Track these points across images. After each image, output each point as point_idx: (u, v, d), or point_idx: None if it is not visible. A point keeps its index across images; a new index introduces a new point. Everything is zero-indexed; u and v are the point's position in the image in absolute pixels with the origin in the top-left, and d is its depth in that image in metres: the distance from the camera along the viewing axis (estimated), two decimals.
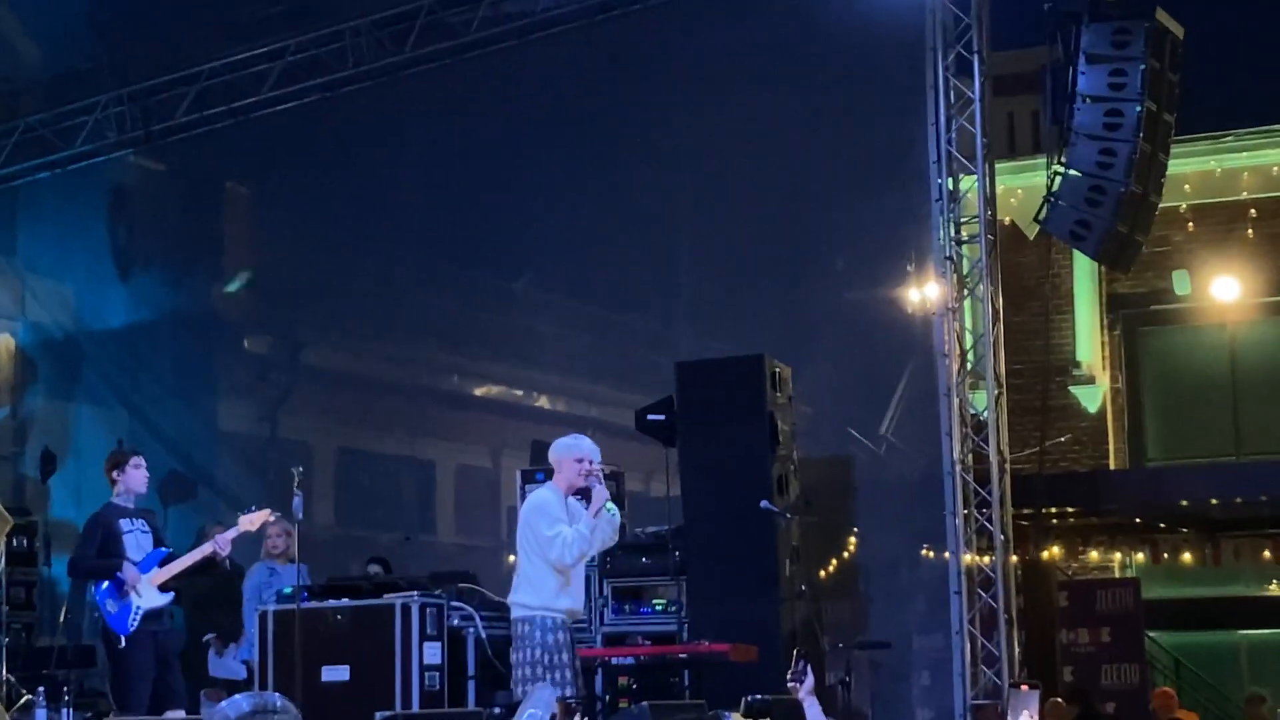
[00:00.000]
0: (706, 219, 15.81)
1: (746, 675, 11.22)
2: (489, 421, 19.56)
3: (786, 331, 14.79)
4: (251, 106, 16.52)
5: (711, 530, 13.07)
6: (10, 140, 17.32)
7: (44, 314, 18.46)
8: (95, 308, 18.33)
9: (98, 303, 18.30)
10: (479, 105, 16.73)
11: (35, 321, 18.48)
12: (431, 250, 18.00)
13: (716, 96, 15.71)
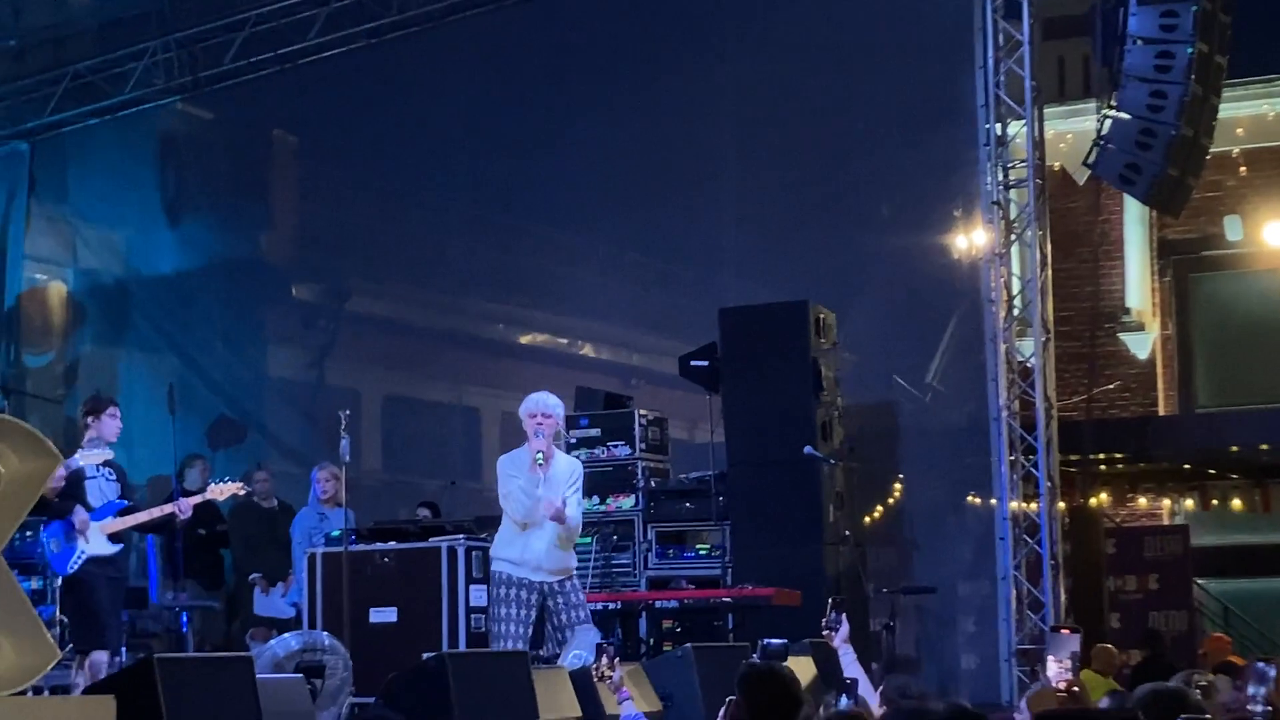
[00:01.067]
0: (751, 165, 15.75)
1: (790, 619, 11.27)
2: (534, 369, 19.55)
3: (831, 278, 14.76)
4: (298, 54, 16.53)
5: (755, 475, 13.10)
6: (60, 87, 17.36)
7: (94, 260, 18.54)
8: (144, 254, 18.39)
9: (147, 249, 18.36)
10: (524, 51, 16.70)
11: (85, 268, 18.56)
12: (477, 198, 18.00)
13: (761, 41, 15.65)
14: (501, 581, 10.29)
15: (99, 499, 10.96)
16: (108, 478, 11.07)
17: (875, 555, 14.41)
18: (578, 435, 13.84)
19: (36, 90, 17.58)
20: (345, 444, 10.78)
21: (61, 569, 10.77)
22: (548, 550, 10.25)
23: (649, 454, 13.82)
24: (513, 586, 10.24)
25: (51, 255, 18.62)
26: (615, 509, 13.58)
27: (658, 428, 14.08)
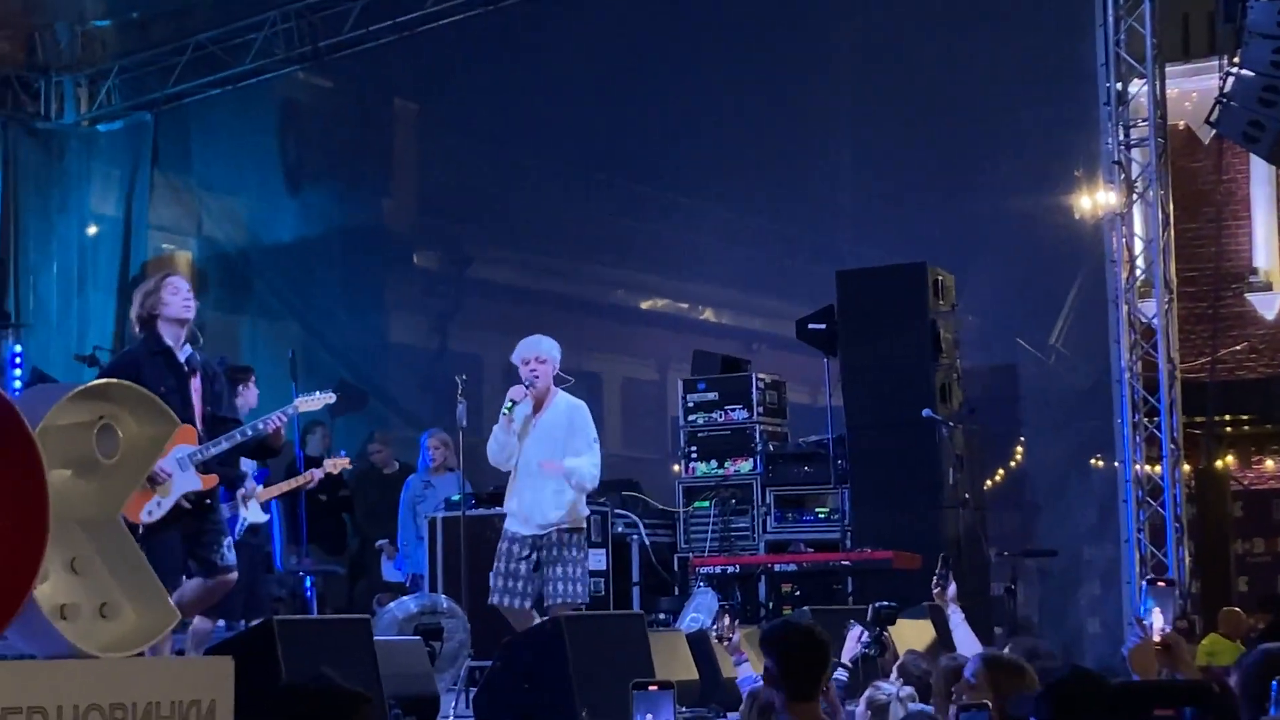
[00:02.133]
0: (868, 126, 15.64)
1: (910, 582, 11.21)
2: (653, 334, 19.59)
3: (950, 240, 14.64)
4: (416, 21, 16.58)
5: (873, 438, 13.04)
6: (182, 59, 17.53)
7: (216, 229, 18.74)
8: (266, 223, 18.57)
9: (268, 218, 18.54)
10: (643, 15, 16.66)
11: (208, 236, 18.78)
12: (597, 163, 18.01)
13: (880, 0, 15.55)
14: (499, 534, 10.05)
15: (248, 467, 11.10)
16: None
17: (996, 518, 14.31)
18: (695, 399, 13.85)
19: (160, 62, 17.77)
20: (462, 409, 10.85)
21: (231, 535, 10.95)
22: (535, 502, 9.84)
23: (767, 417, 13.79)
24: (504, 540, 9.90)
25: (175, 225, 18.85)
26: (733, 473, 13.58)
27: (775, 391, 14.05)
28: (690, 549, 13.31)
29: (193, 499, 8.30)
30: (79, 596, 5.13)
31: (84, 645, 4.97)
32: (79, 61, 18.06)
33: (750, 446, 13.58)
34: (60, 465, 5.10)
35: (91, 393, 5.27)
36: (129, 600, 5.25)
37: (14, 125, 17.76)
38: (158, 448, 5.45)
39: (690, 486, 13.69)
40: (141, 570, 5.32)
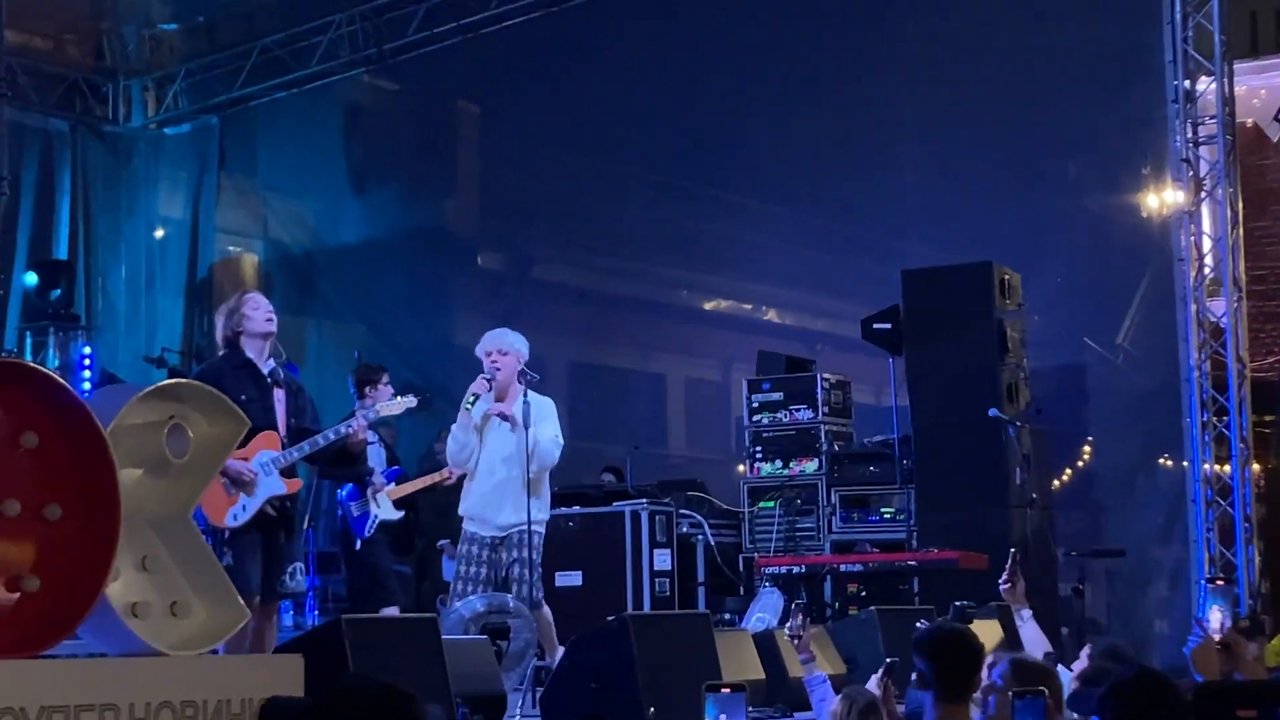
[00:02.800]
0: (933, 125, 15.58)
1: (976, 582, 11.15)
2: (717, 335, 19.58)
3: (1017, 239, 14.56)
4: (480, 23, 16.61)
5: (939, 439, 12.98)
6: (248, 62, 17.63)
7: (282, 231, 18.85)
8: (331, 224, 18.67)
9: (333, 219, 18.64)
10: (705, 16, 16.65)
11: (274, 239, 18.89)
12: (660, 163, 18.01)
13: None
14: (462, 538, 9.89)
15: (378, 464, 11.26)
16: (379, 445, 11.24)
17: (1064, 518, 14.23)
18: (760, 399, 13.83)
19: (226, 65, 17.88)
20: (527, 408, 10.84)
21: (361, 532, 11.06)
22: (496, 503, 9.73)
23: (832, 417, 13.76)
24: (464, 542, 9.80)
25: (241, 227, 18.97)
26: (798, 473, 13.56)
27: (840, 391, 14.02)
28: (755, 549, 13.30)
29: (277, 507, 8.37)
30: (150, 595, 5.17)
31: (155, 643, 5.00)
32: (146, 65, 18.20)
33: (815, 446, 13.56)
34: (131, 465, 5.14)
35: (162, 393, 5.30)
36: (199, 598, 5.29)
37: (82, 129, 17.91)
38: (227, 448, 5.48)
39: (755, 487, 13.67)
40: (211, 569, 5.36)
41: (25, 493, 4.80)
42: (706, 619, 9.04)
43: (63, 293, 16.55)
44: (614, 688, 7.88)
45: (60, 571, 4.83)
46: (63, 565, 4.84)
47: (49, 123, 17.60)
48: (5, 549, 4.77)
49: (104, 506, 4.89)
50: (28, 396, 4.85)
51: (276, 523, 8.48)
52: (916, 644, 5.79)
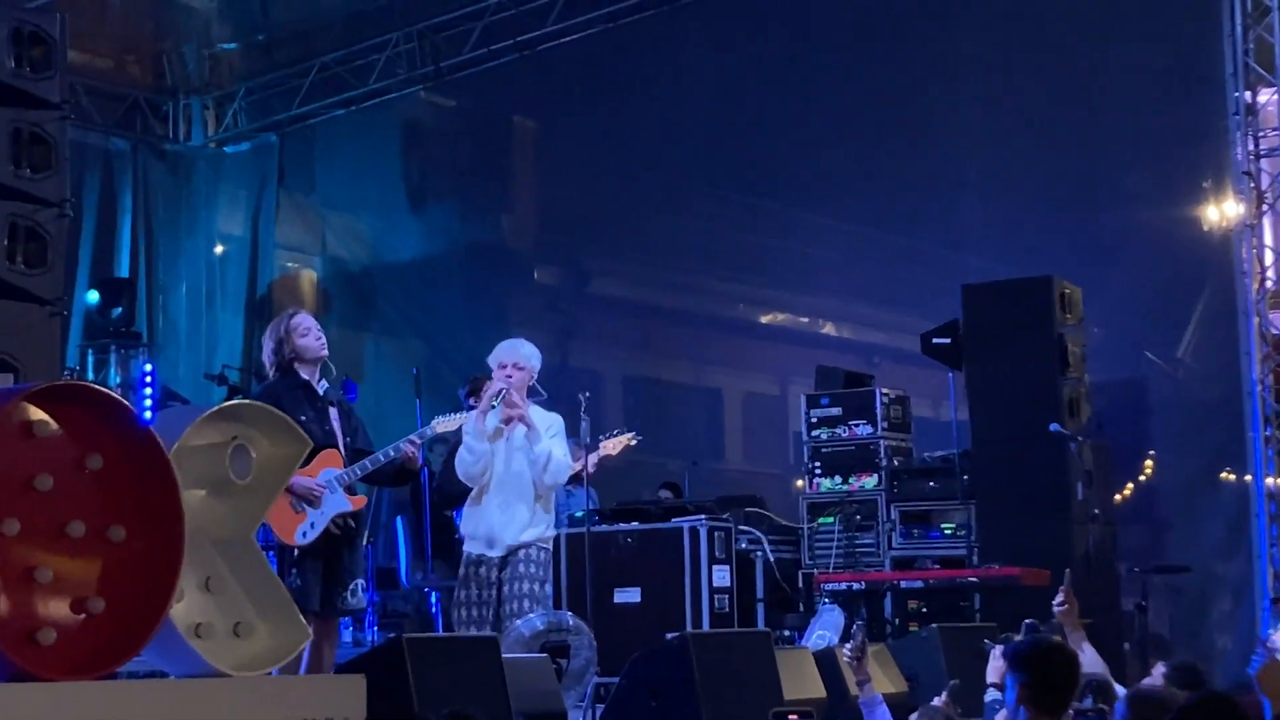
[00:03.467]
0: (992, 137, 15.52)
1: (1038, 599, 11.07)
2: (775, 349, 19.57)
3: (1076, 252, 14.50)
4: (536, 40, 16.64)
5: (1000, 454, 12.91)
6: (307, 80, 17.72)
7: (340, 248, 18.94)
8: (389, 241, 18.74)
9: (391, 236, 18.70)
10: (762, 29, 16.66)
11: (333, 255, 18.97)
12: (716, 177, 18.02)
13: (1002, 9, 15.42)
14: (462, 560, 9.48)
15: None
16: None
17: (1126, 533, 14.13)
18: (819, 414, 13.79)
19: (285, 84, 17.98)
20: (585, 425, 10.84)
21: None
22: (505, 522, 9.36)
23: (891, 432, 13.70)
24: (469, 564, 9.38)
25: (301, 244, 19.07)
26: (858, 488, 13.50)
27: (900, 406, 13.95)
28: (814, 565, 13.25)
29: (340, 524, 8.41)
30: (213, 616, 5.17)
31: (218, 664, 5.01)
32: (206, 84, 18.31)
33: (874, 462, 13.50)
34: (195, 485, 5.15)
35: (225, 413, 5.31)
36: (262, 619, 5.29)
37: (143, 148, 18.04)
38: (290, 468, 5.48)
39: (814, 502, 13.62)
40: (274, 589, 5.36)
41: (90, 514, 4.81)
42: (767, 637, 9.02)
43: (124, 311, 16.65)
44: (674, 706, 7.86)
45: (125, 593, 4.84)
46: (127, 586, 4.85)
47: (110, 142, 17.73)
48: (70, 571, 4.78)
49: (168, 528, 4.90)
50: (92, 418, 4.87)
51: (340, 540, 8.51)
52: (1014, 657, 5.73)
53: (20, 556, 4.64)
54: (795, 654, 9.17)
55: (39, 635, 4.64)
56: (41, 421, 4.75)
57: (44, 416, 4.76)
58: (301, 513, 8.22)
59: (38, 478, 4.69)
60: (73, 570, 4.78)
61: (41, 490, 4.70)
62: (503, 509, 9.34)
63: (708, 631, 10.01)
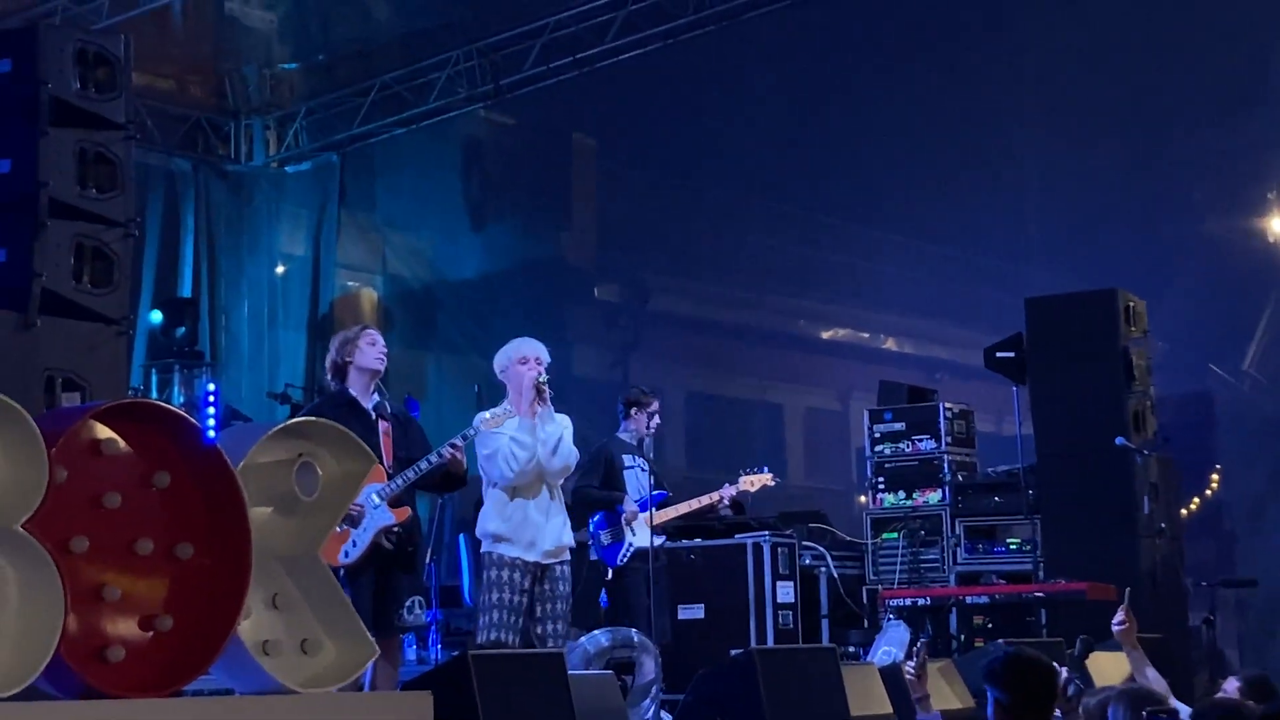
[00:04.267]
0: (1055, 151, 15.48)
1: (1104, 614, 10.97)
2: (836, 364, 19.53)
3: (1141, 265, 14.41)
4: (596, 57, 16.64)
5: (1065, 468, 12.80)
6: (368, 99, 17.77)
7: (401, 266, 19.00)
8: (450, 259, 18.79)
9: (452, 254, 18.75)
10: (822, 45, 16.63)
11: (394, 274, 19.04)
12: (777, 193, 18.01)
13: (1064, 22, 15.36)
14: (491, 563, 8.96)
15: (637, 490, 10.89)
16: (642, 469, 10.98)
17: (1193, 548, 14.01)
18: (882, 430, 13.72)
19: (346, 103, 18.04)
20: (649, 442, 10.83)
21: (612, 561, 10.77)
22: (546, 526, 9.02)
23: (955, 447, 13.62)
24: (504, 568, 8.91)
25: (362, 263, 19.13)
26: (922, 503, 13.43)
27: (964, 421, 13.87)
28: (879, 581, 13.19)
29: (392, 541, 8.39)
30: (281, 633, 5.18)
31: (286, 681, 5.02)
32: (267, 104, 18.40)
33: (938, 477, 13.43)
34: (261, 503, 5.17)
35: (291, 431, 5.33)
36: (329, 636, 5.30)
37: (205, 168, 18.13)
38: (356, 485, 5.50)
39: (878, 518, 13.56)
40: (341, 606, 5.37)
41: (158, 532, 4.84)
42: (833, 652, 8.97)
43: (187, 330, 16.72)
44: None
45: (193, 610, 4.86)
46: (195, 604, 4.87)
47: (173, 162, 17.84)
48: (139, 588, 4.80)
49: (235, 545, 4.92)
50: (159, 436, 4.89)
51: (393, 556, 8.47)
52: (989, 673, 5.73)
53: (89, 574, 4.66)
54: (861, 670, 9.11)
55: (108, 653, 4.67)
56: (109, 440, 4.78)
57: (112, 435, 4.79)
58: (344, 531, 8.19)
59: (106, 496, 4.72)
60: (141, 588, 4.81)
61: (110, 508, 4.73)
62: (540, 510, 9.07)
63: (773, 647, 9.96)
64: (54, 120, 7.06)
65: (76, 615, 4.56)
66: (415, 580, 8.80)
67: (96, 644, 4.67)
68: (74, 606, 4.52)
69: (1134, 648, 8.05)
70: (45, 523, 4.51)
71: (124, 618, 4.76)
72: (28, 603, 4.49)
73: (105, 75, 7.28)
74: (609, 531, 10.87)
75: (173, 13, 16.58)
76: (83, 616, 4.62)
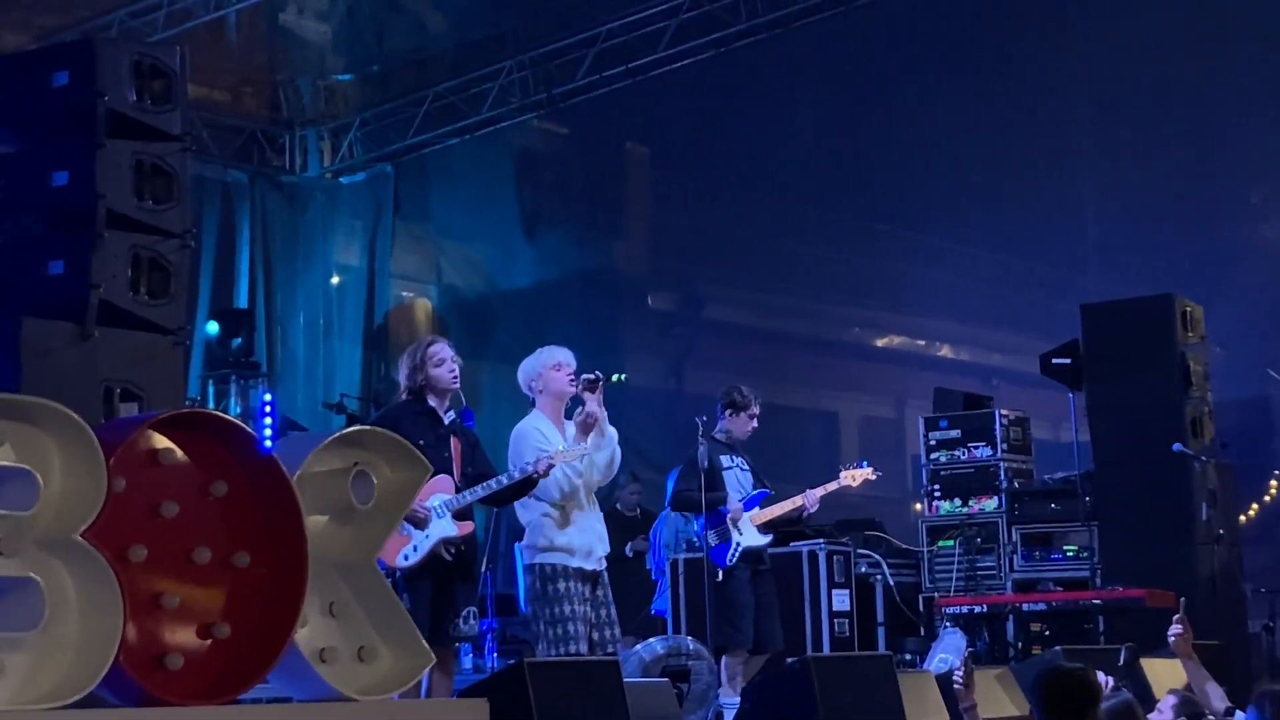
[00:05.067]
0: (1110, 155, 15.42)
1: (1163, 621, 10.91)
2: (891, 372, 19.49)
3: (1197, 270, 14.34)
4: (648, 66, 16.65)
5: (1123, 475, 12.73)
6: (421, 109, 17.83)
7: (456, 276, 19.04)
8: (503, 268, 18.82)
9: (506, 263, 18.78)
10: (874, 53, 16.61)
11: (448, 284, 19.08)
12: (830, 201, 17.97)
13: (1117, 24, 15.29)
14: (556, 575, 8.89)
15: (738, 490, 10.84)
16: (742, 468, 10.98)
17: (1251, 554, 13.90)
18: (937, 437, 13.68)
19: (400, 114, 18.10)
20: (704, 450, 10.80)
21: (721, 562, 10.59)
22: (599, 532, 9.04)
23: (1011, 454, 13.56)
24: (571, 579, 8.88)
25: (416, 273, 19.19)
26: (978, 511, 13.37)
27: (1019, 428, 13.82)
28: (935, 589, 13.14)
29: (453, 551, 8.40)
30: (337, 640, 5.20)
31: (343, 688, 5.04)
32: (322, 116, 18.48)
33: (994, 484, 13.37)
34: (317, 511, 5.19)
35: (346, 440, 5.35)
36: (385, 644, 5.32)
37: (260, 179, 18.22)
38: (411, 493, 5.52)
39: (934, 525, 13.52)
40: (397, 614, 5.39)
41: (215, 541, 4.87)
42: (889, 660, 8.93)
43: (243, 341, 16.80)
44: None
45: (250, 618, 4.89)
46: (252, 612, 4.90)
47: (228, 174, 17.93)
48: (196, 596, 4.84)
49: (292, 553, 4.95)
50: (216, 446, 4.92)
51: (453, 567, 8.49)
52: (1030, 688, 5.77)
53: (148, 583, 4.70)
54: (918, 677, 9.08)
55: (167, 660, 4.70)
56: (167, 449, 4.81)
57: (169, 444, 4.82)
58: (406, 536, 8.22)
59: (164, 505, 4.75)
60: (199, 596, 4.84)
61: (167, 517, 4.76)
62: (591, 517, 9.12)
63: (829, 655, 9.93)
64: (111, 132, 7.10)
65: (135, 623, 4.59)
66: (472, 590, 8.80)
67: (155, 652, 4.70)
68: (133, 615, 4.54)
69: (1189, 658, 8.00)
70: (104, 532, 4.54)
71: (182, 626, 4.80)
72: (87, 611, 4.52)
73: (161, 87, 7.32)
74: (715, 532, 10.70)
75: (227, 25, 16.68)
76: (141, 625, 4.66)
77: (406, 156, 18.46)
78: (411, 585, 8.28)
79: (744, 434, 11.11)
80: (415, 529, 8.26)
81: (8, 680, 4.38)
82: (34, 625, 4.42)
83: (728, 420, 11.12)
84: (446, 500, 8.38)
